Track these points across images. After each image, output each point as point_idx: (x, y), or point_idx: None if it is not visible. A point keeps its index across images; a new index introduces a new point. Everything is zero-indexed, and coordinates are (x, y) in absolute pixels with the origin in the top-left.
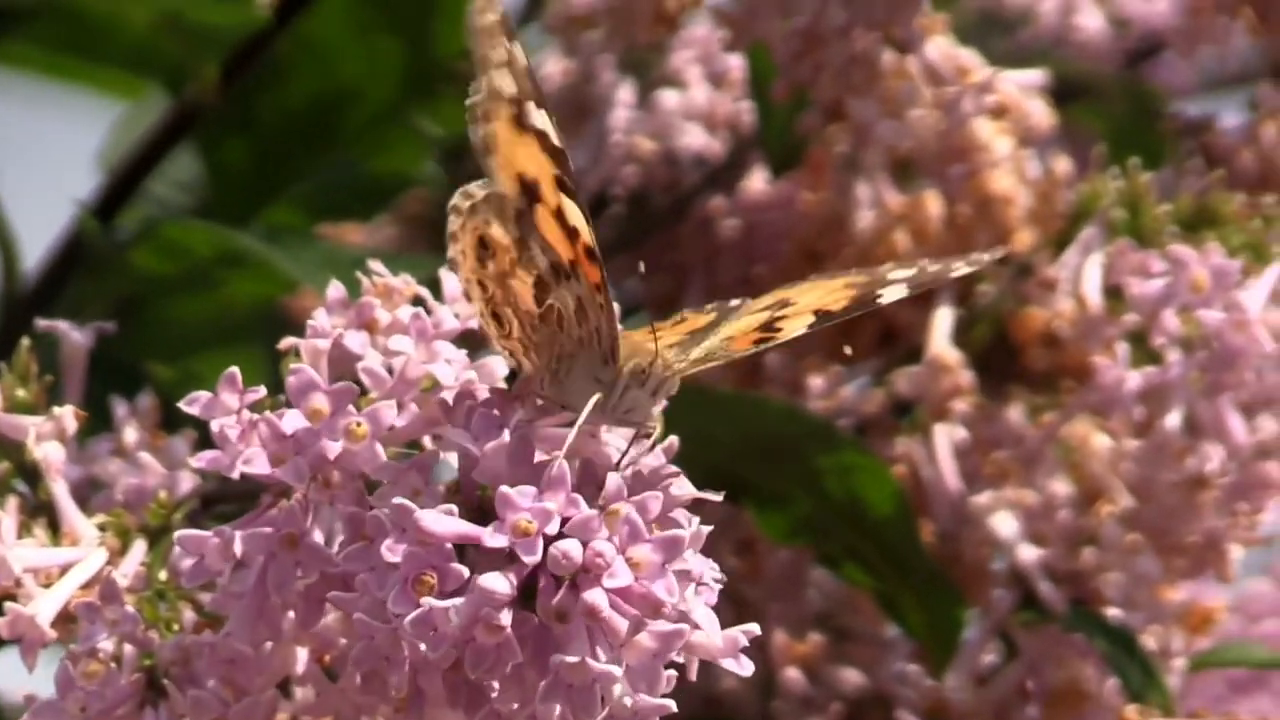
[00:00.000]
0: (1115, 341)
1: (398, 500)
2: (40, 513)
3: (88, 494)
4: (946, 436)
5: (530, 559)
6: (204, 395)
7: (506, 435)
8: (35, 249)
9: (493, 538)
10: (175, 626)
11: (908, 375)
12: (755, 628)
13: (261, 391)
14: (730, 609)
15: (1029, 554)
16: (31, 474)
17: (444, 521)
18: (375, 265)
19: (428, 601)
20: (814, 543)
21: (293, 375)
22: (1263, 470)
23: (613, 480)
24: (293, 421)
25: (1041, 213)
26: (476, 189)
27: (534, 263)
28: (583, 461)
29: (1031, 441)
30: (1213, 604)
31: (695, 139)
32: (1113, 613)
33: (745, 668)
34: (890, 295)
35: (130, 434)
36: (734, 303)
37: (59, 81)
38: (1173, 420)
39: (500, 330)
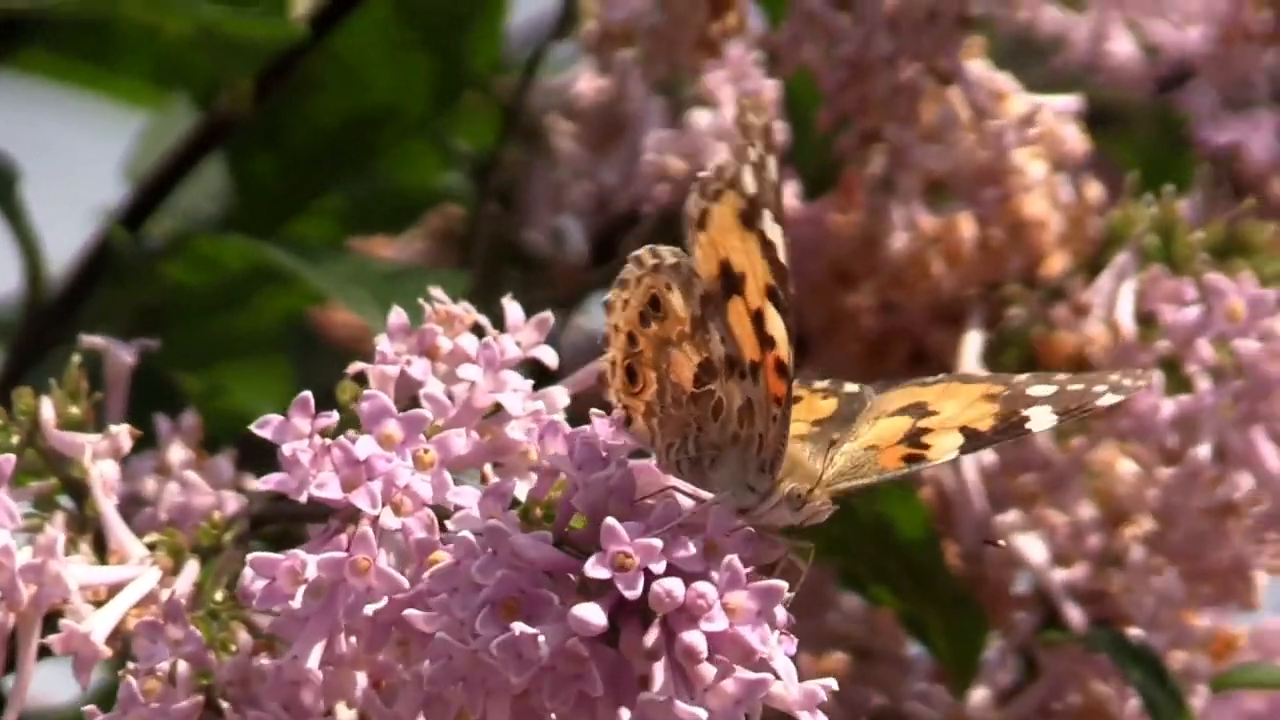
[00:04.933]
0: (1149, 368)
1: (493, 523)
2: (86, 529)
3: (130, 511)
4: (973, 459)
5: (631, 594)
6: (275, 418)
7: (613, 468)
8: (55, 255)
9: (594, 569)
10: (231, 647)
11: None
12: (833, 683)
13: (334, 417)
14: None
15: (1054, 575)
16: (77, 490)
17: (540, 548)
18: (436, 293)
19: (518, 626)
20: (841, 562)
21: (365, 401)
22: None
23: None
24: (365, 447)
25: (1072, 237)
26: (667, 252)
27: (707, 346)
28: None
29: (1059, 466)
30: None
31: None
32: (1135, 633)
33: None
34: (1038, 424)
35: (176, 452)
36: (850, 387)
37: (82, 90)
38: (1204, 449)
39: (629, 386)
